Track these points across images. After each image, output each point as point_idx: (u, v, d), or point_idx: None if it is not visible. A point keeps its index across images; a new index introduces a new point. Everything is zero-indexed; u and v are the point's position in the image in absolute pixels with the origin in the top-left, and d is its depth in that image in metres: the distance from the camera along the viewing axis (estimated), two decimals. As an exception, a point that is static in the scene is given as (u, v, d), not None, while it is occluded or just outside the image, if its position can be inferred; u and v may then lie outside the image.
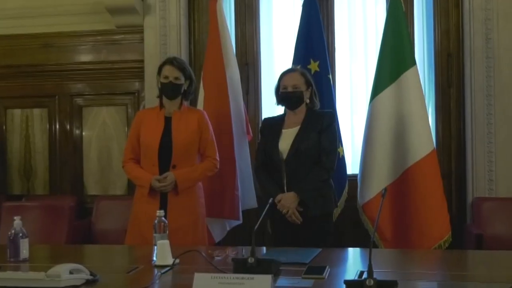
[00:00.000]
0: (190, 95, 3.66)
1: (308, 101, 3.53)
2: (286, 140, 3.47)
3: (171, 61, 3.54)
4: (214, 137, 3.62)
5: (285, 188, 3.43)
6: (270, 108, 4.19)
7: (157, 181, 3.36)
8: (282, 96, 3.52)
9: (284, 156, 3.44)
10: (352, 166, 4.40)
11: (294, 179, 3.42)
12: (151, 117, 3.56)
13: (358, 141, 4.36)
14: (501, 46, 4.34)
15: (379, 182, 3.77)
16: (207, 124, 3.59)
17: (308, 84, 3.52)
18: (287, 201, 3.35)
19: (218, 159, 3.60)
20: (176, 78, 3.47)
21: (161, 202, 3.33)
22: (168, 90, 3.50)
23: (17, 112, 5.15)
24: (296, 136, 3.45)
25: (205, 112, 3.72)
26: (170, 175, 3.37)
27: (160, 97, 3.56)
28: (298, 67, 3.69)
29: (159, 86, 3.54)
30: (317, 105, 3.60)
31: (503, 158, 4.36)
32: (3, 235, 3.21)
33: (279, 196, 3.35)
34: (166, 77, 3.48)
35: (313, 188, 3.39)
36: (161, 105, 3.56)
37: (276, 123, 3.60)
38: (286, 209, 3.33)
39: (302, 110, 3.53)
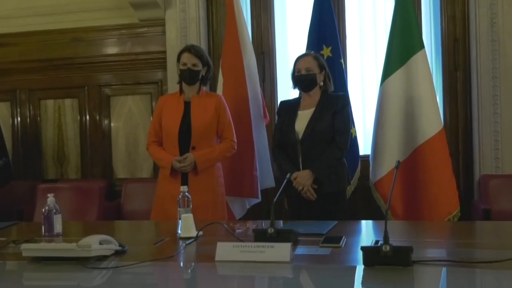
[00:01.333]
0: (208, 81, 3.64)
1: (322, 83, 3.48)
2: (302, 121, 3.43)
3: (188, 49, 3.52)
4: (231, 119, 3.59)
5: (301, 166, 3.39)
6: (285, 94, 4.20)
7: (178, 162, 3.35)
8: (296, 79, 3.48)
9: (300, 136, 3.40)
10: (364, 147, 4.34)
11: (309, 158, 3.37)
12: (172, 102, 3.56)
13: (369, 122, 4.30)
14: (505, 30, 4.26)
15: (391, 160, 3.69)
16: (224, 107, 3.57)
17: (321, 67, 3.47)
18: (303, 178, 3.31)
19: (235, 140, 3.58)
20: (194, 65, 3.45)
21: (182, 182, 3.30)
22: (186, 76, 3.48)
23: (50, 102, 5.17)
24: (311, 117, 3.41)
25: (222, 96, 3.70)
26: (190, 156, 3.36)
27: (179, 83, 3.56)
28: (312, 52, 3.64)
29: (179, 72, 3.53)
30: (331, 87, 3.55)
31: (508, 137, 4.29)
32: (39, 215, 3.22)
33: (294, 174, 3.31)
34: (185, 64, 3.46)
35: (327, 166, 3.34)
36: (181, 91, 3.54)
37: (292, 105, 3.56)
38: (301, 186, 3.30)
39: (316, 92, 3.48)
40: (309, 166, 3.34)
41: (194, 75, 3.47)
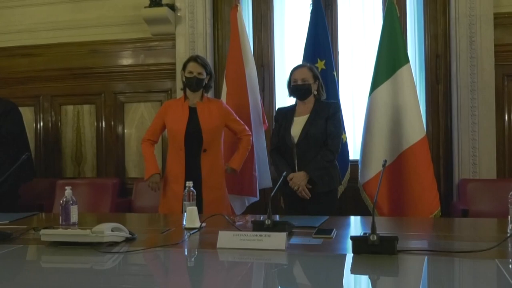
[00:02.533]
0: (209, 88, 3.62)
1: (315, 92, 3.49)
2: (297, 126, 3.43)
3: (195, 59, 3.52)
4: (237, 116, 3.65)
5: (296, 168, 3.38)
6: (283, 102, 4.18)
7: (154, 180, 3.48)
8: (293, 88, 3.48)
9: (296, 140, 3.40)
10: (354, 152, 4.33)
11: (304, 160, 3.37)
12: (176, 107, 3.53)
13: (359, 129, 4.30)
14: (483, 48, 4.26)
15: (378, 164, 3.67)
16: (227, 109, 3.60)
17: (315, 77, 3.48)
18: (298, 179, 3.30)
19: (247, 129, 3.66)
20: (200, 73, 3.46)
21: (194, 183, 3.26)
22: (192, 84, 3.47)
23: (70, 108, 5.16)
24: (305, 123, 3.41)
25: (223, 101, 3.76)
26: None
27: (184, 89, 3.55)
28: (307, 63, 3.63)
29: (184, 80, 3.51)
30: (324, 96, 3.55)
31: (485, 145, 4.28)
32: (57, 208, 3.21)
33: (290, 175, 3.31)
34: (191, 72, 3.46)
35: (320, 167, 3.33)
36: (186, 97, 3.53)
37: (288, 111, 3.55)
38: (297, 186, 3.29)
39: (310, 100, 3.48)
40: (304, 167, 3.34)
41: (199, 83, 3.47)
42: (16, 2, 5.20)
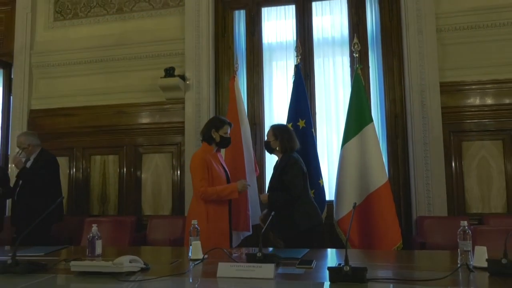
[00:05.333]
0: None
1: (277, 148, 3.39)
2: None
3: (230, 124, 3.50)
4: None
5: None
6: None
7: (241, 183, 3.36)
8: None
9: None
10: (329, 194, 4.27)
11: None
12: (214, 158, 3.39)
13: (333, 175, 4.27)
14: (432, 109, 4.34)
15: (350, 204, 3.61)
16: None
17: (276, 136, 3.39)
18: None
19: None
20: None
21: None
22: (227, 143, 3.47)
23: (98, 157, 5.15)
24: (272, 176, 3.40)
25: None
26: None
27: (218, 144, 3.45)
28: (273, 125, 3.57)
29: (218, 140, 3.41)
30: (294, 147, 3.38)
31: (437, 188, 4.29)
32: (84, 242, 3.14)
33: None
34: (226, 133, 3.43)
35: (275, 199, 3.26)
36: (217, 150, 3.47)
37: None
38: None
39: (278, 155, 3.42)
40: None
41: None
42: (60, 74, 5.30)
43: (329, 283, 1.87)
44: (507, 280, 1.86)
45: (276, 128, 3.46)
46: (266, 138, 3.44)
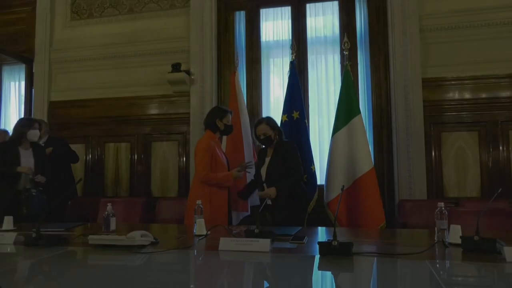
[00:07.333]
0: None
1: (277, 137, 3.38)
2: (264, 168, 3.36)
3: (231, 112, 3.49)
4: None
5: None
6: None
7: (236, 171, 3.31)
8: (260, 142, 3.42)
9: (264, 177, 3.34)
10: (320, 179, 4.30)
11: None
12: (217, 145, 3.41)
13: (323, 162, 4.28)
14: (414, 102, 4.34)
15: (339, 187, 3.60)
16: None
17: (273, 128, 3.36)
18: (270, 190, 3.16)
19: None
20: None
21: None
22: (230, 130, 3.47)
23: (111, 145, 5.16)
24: (268, 165, 3.33)
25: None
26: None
27: (222, 132, 3.44)
28: (264, 118, 3.47)
29: (223, 128, 3.40)
30: (283, 137, 3.41)
31: (417, 174, 4.31)
32: (100, 220, 3.17)
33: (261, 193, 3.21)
34: (229, 121, 3.43)
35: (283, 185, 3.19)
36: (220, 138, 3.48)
37: (263, 151, 3.49)
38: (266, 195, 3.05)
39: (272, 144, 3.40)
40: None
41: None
42: (77, 69, 5.29)
43: (319, 256, 1.91)
44: (478, 255, 1.90)
45: (269, 121, 3.41)
46: (261, 134, 3.32)
